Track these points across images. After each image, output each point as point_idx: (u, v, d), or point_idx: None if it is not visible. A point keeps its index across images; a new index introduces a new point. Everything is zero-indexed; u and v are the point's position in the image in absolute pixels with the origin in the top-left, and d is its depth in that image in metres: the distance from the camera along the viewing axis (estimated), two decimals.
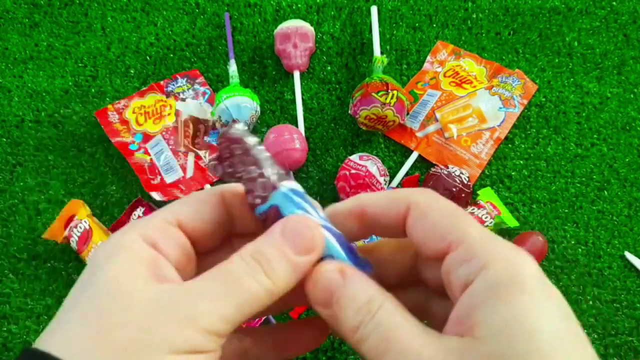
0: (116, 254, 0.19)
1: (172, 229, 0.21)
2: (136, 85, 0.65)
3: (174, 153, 0.59)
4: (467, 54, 0.65)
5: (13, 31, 0.68)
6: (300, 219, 0.20)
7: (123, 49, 0.67)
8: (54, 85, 0.65)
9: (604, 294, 0.53)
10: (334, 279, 0.20)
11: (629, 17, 0.67)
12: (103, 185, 0.59)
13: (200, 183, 0.58)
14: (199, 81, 0.65)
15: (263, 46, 0.67)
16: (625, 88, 0.63)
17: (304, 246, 0.19)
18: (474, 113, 0.60)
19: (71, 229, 0.53)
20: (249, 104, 0.57)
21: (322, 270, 0.20)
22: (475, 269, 0.17)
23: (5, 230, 0.57)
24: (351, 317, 0.19)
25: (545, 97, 0.63)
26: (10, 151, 0.61)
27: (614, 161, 0.59)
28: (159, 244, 0.20)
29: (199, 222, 0.21)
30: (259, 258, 0.19)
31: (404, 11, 0.69)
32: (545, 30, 0.67)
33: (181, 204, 0.22)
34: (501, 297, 0.16)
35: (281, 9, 0.69)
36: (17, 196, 0.58)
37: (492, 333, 0.16)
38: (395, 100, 0.56)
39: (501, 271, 0.17)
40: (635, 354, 0.51)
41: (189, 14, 0.69)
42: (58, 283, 0.54)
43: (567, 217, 0.57)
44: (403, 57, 0.66)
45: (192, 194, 0.23)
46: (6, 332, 0.52)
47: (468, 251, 0.18)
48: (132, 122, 0.61)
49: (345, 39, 0.67)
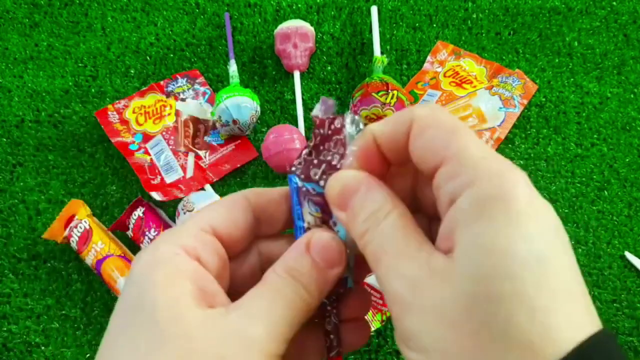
0: (161, 269, 0.19)
1: (209, 236, 0.21)
2: (136, 85, 0.65)
3: (174, 153, 0.59)
4: (467, 54, 0.65)
5: (13, 31, 0.68)
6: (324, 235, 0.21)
7: (123, 49, 0.67)
8: (54, 85, 0.65)
9: (604, 294, 0.53)
10: (351, 184, 0.20)
11: (629, 17, 0.67)
12: (103, 185, 0.59)
13: (200, 183, 0.58)
14: (199, 81, 0.65)
15: (263, 46, 0.67)
16: (625, 88, 0.63)
17: (332, 260, 0.20)
18: (474, 113, 0.60)
19: (71, 229, 0.53)
20: (249, 104, 0.57)
21: (342, 176, 0.20)
22: (462, 184, 0.16)
23: (5, 230, 0.57)
24: (360, 224, 0.19)
25: (545, 97, 0.63)
26: (10, 151, 0.61)
27: (614, 161, 0.59)
28: (201, 256, 0.20)
29: (232, 228, 0.22)
30: (295, 274, 0.20)
31: (404, 11, 0.69)
32: (545, 30, 0.67)
33: (211, 211, 0.22)
34: (482, 215, 0.15)
35: (281, 9, 0.69)
36: (17, 196, 0.58)
37: (468, 253, 0.15)
38: (395, 100, 0.56)
39: (487, 188, 0.16)
40: (635, 354, 0.51)
41: (189, 14, 0.69)
42: (58, 283, 0.54)
43: (567, 217, 0.57)
44: (403, 57, 0.66)
45: (218, 201, 0.23)
46: (6, 332, 0.52)
47: (457, 166, 0.17)
48: (132, 122, 0.61)
49: (345, 39, 0.67)
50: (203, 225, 0.21)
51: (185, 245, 0.20)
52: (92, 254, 0.52)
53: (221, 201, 0.22)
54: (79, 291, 0.54)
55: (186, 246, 0.20)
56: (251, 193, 0.23)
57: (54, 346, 0.52)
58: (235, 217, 0.22)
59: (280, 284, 0.19)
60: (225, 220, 0.21)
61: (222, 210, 0.22)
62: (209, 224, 0.21)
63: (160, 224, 0.54)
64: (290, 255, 0.20)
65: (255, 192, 0.23)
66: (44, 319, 0.53)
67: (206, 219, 0.21)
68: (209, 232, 0.21)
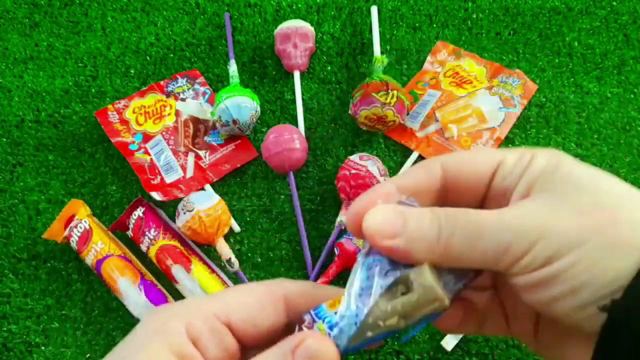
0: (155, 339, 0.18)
1: (221, 327, 0.20)
2: (136, 85, 0.65)
3: (174, 153, 0.59)
4: (467, 54, 0.65)
5: (13, 31, 0.68)
6: (317, 343, 0.19)
7: (123, 49, 0.67)
8: (54, 85, 0.65)
9: None
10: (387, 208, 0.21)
11: (629, 17, 0.67)
12: (103, 185, 0.59)
13: (200, 183, 0.58)
14: (199, 81, 0.65)
15: (263, 46, 0.67)
16: (625, 88, 0.63)
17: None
18: (474, 113, 0.60)
19: (71, 229, 0.53)
20: (249, 104, 0.57)
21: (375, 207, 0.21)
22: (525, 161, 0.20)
23: (5, 230, 0.57)
24: (427, 231, 0.19)
25: (545, 97, 0.63)
26: (10, 151, 0.61)
27: (614, 161, 0.59)
28: (201, 341, 0.19)
29: (250, 326, 0.20)
30: None
31: (404, 11, 0.69)
32: (545, 30, 0.67)
33: (239, 300, 0.21)
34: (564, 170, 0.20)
35: (281, 9, 0.69)
36: (17, 196, 0.58)
37: (573, 189, 0.19)
38: (395, 100, 0.56)
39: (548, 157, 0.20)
40: None
41: (189, 14, 0.69)
42: (58, 283, 0.54)
43: None
44: (403, 57, 0.66)
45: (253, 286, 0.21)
46: (6, 332, 0.52)
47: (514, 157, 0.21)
48: (132, 122, 0.61)
49: (345, 39, 0.67)
50: (220, 314, 0.20)
51: (190, 325, 0.19)
52: (92, 254, 0.52)
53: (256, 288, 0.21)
54: (79, 291, 0.54)
55: (191, 327, 0.19)
56: (295, 291, 0.21)
57: (54, 346, 0.52)
58: (258, 317, 0.20)
59: None
60: (245, 317, 0.20)
61: (248, 305, 0.20)
62: (227, 315, 0.20)
63: (160, 224, 0.54)
64: (271, 354, 0.19)
65: (300, 288, 0.21)
66: (44, 319, 0.53)
67: (227, 307, 0.20)
68: (224, 321, 0.20)
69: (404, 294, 0.19)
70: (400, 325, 0.19)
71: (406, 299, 0.19)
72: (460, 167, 0.22)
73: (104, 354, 0.52)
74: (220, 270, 0.55)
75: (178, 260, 0.51)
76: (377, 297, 0.19)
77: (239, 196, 0.58)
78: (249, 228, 0.57)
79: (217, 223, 0.53)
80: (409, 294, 0.19)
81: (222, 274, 0.55)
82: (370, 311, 0.19)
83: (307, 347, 0.18)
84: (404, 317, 0.19)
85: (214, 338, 0.19)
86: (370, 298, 0.19)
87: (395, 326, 0.19)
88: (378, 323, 0.19)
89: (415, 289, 0.19)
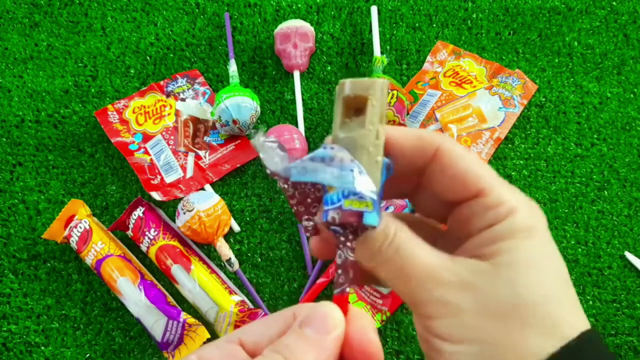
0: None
1: (232, 346, 0.21)
2: (136, 85, 0.65)
3: (174, 153, 0.59)
4: (467, 54, 0.65)
5: (13, 31, 0.68)
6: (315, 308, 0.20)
7: (123, 49, 0.67)
8: (54, 85, 0.65)
9: (604, 294, 0.53)
10: None
11: (629, 17, 0.67)
12: (103, 185, 0.59)
13: (200, 183, 0.58)
14: (199, 81, 0.65)
15: (263, 46, 0.67)
16: (625, 88, 0.63)
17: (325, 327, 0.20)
18: (474, 113, 0.60)
19: (71, 228, 0.53)
20: (249, 104, 0.57)
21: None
22: (503, 213, 0.20)
23: (5, 230, 0.57)
24: (370, 244, 0.20)
25: (545, 97, 0.63)
26: (10, 151, 0.61)
27: (614, 161, 0.59)
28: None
29: (259, 336, 0.21)
30: (279, 348, 0.19)
31: (404, 11, 0.69)
32: (545, 30, 0.67)
33: (250, 324, 0.22)
34: (521, 239, 0.20)
35: (281, 9, 0.69)
36: (17, 196, 0.58)
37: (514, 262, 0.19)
38: (395, 100, 0.56)
39: (522, 219, 0.20)
40: (635, 354, 0.51)
41: (189, 14, 0.69)
42: (58, 283, 0.54)
43: (567, 217, 0.57)
44: (403, 57, 0.66)
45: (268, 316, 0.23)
46: (6, 332, 0.52)
47: (497, 199, 0.20)
48: (132, 122, 0.61)
49: (345, 39, 0.67)
50: (231, 337, 0.21)
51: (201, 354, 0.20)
52: (92, 254, 0.52)
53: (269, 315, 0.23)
54: (79, 291, 0.54)
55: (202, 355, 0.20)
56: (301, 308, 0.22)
57: (54, 346, 0.52)
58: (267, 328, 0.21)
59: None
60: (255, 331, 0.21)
61: (258, 322, 0.22)
62: (237, 336, 0.21)
63: (160, 224, 0.54)
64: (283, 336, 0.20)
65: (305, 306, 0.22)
66: (44, 319, 0.53)
67: (238, 331, 0.21)
68: (235, 343, 0.21)
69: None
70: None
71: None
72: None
73: (104, 354, 0.52)
74: (220, 270, 0.55)
75: (178, 260, 0.51)
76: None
77: (239, 196, 0.58)
78: (249, 228, 0.57)
79: (217, 223, 0.53)
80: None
81: (222, 273, 0.55)
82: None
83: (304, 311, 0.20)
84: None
85: (225, 357, 0.20)
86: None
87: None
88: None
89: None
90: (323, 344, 0.19)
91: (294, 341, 0.19)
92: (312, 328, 0.20)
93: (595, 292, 0.53)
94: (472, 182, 0.21)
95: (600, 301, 0.53)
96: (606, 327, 0.52)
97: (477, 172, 0.21)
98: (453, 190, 0.21)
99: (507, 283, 0.19)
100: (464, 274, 0.20)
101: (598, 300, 0.53)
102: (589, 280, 0.54)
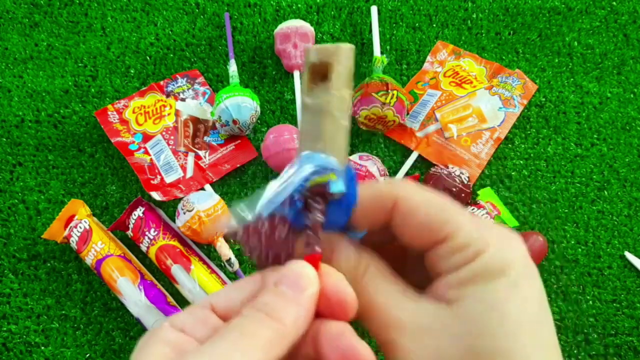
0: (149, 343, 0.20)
1: (204, 311, 0.21)
2: (136, 85, 0.65)
3: (174, 153, 0.59)
4: (467, 54, 0.65)
5: (13, 31, 0.68)
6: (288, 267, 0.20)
7: (123, 49, 0.67)
8: (54, 85, 0.65)
9: (604, 294, 0.53)
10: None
11: (629, 17, 0.67)
12: (103, 185, 0.59)
13: (200, 183, 0.58)
14: (199, 81, 0.65)
15: (263, 46, 0.67)
16: (625, 88, 0.63)
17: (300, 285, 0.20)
18: (474, 113, 0.60)
19: (71, 228, 0.53)
20: (249, 104, 0.58)
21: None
22: (469, 256, 0.19)
23: (5, 230, 0.57)
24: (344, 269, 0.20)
25: (545, 97, 0.63)
26: (10, 151, 0.61)
27: (614, 161, 0.59)
28: (185, 328, 0.20)
29: (230, 301, 0.21)
30: (259, 307, 0.19)
31: (404, 11, 0.69)
32: (545, 30, 0.67)
33: (221, 289, 0.23)
34: (487, 281, 0.19)
35: (281, 9, 0.69)
36: (17, 196, 0.58)
37: (472, 309, 0.18)
38: (395, 100, 0.56)
39: (491, 258, 0.19)
40: (635, 353, 0.51)
41: (189, 14, 0.69)
42: (58, 283, 0.54)
43: (567, 217, 0.57)
44: (403, 57, 0.66)
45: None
46: (6, 332, 0.52)
47: (463, 241, 0.19)
48: (132, 122, 0.61)
49: (345, 39, 0.67)
50: (202, 303, 0.22)
51: (173, 321, 0.21)
52: (92, 253, 0.52)
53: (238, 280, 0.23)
54: (79, 291, 0.54)
55: (173, 322, 0.21)
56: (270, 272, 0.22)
57: (54, 346, 0.52)
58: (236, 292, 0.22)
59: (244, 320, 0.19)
60: (224, 295, 0.22)
61: (227, 288, 0.22)
62: (208, 302, 0.21)
63: (160, 224, 0.54)
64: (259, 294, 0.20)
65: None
66: (44, 319, 0.53)
67: (212, 296, 0.22)
68: (206, 308, 0.21)
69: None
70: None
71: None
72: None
73: (104, 354, 0.52)
74: (220, 270, 0.55)
75: (178, 260, 0.51)
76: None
77: (239, 196, 0.58)
78: None
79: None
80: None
81: (222, 274, 0.55)
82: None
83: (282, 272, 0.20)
84: None
85: (197, 321, 0.21)
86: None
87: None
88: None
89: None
90: (301, 300, 0.20)
91: (272, 298, 0.19)
92: (287, 286, 0.20)
93: (595, 292, 0.53)
94: (437, 229, 0.20)
95: (600, 301, 0.53)
96: (606, 327, 0.52)
97: (440, 218, 0.20)
98: (419, 239, 0.21)
99: (462, 333, 0.18)
100: (424, 320, 0.19)
101: (598, 300, 0.53)
102: (589, 280, 0.54)
